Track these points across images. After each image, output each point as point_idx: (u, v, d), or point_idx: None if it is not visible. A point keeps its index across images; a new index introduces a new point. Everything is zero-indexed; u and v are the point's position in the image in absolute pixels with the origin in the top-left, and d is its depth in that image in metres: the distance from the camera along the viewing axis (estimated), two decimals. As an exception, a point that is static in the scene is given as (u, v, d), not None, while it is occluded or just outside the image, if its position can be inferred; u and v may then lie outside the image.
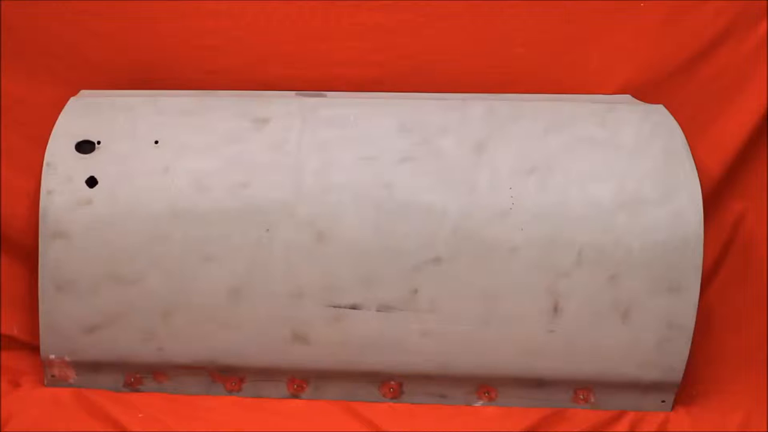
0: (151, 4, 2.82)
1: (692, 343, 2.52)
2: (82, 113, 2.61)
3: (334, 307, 2.50)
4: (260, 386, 2.62)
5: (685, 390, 2.63)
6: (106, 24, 2.83)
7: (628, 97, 2.83)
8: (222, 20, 2.84)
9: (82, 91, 2.76)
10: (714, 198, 2.84)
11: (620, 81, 2.87)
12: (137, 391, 2.62)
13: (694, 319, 2.50)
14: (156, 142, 2.54)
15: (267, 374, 2.60)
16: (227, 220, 2.48)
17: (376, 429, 2.51)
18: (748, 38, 2.83)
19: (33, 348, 2.72)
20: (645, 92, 2.84)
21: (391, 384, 2.61)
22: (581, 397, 2.60)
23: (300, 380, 2.61)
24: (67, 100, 2.66)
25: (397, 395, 2.62)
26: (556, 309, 2.49)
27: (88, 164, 2.51)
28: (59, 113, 2.61)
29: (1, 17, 2.78)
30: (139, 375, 2.61)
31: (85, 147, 2.54)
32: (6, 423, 2.44)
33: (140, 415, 2.50)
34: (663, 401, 2.60)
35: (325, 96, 2.76)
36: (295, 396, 2.62)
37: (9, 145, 2.78)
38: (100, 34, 2.84)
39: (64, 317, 2.52)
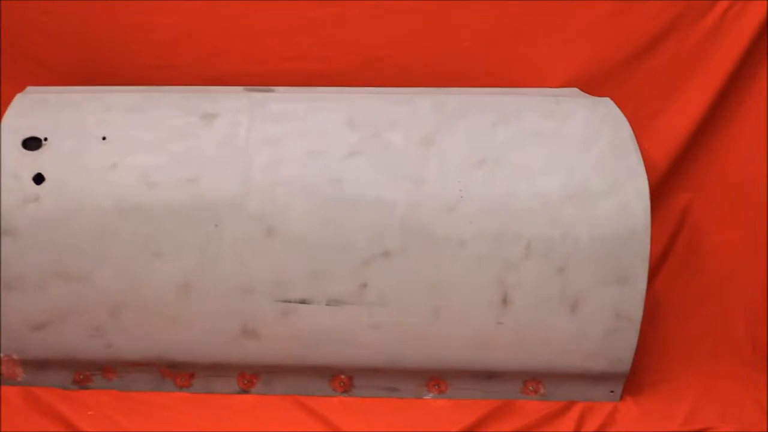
0: (97, 1, 2.80)
1: (640, 333, 2.54)
2: (29, 110, 2.59)
3: (284, 301, 2.50)
4: (210, 382, 2.61)
5: (633, 380, 2.65)
6: (53, 20, 2.82)
7: (575, 90, 2.85)
8: (169, 16, 2.83)
9: (29, 88, 2.74)
10: (660, 190, 2.87)
11: (567, 74, 2.89)
12: (86, 388, 2.61)
13: (641, 310, 2.52)
14: (103, 138, 2.52)
15: (217, 370, 2.60)
16: (176, 215, 2.48)
17: (327, 423, 2.52)
18: (693, 32, 2.86)
19: (-19, 346, 2.70)
20: (592, 85, 2.86)
21: (342, 378, 2.61)
22: (530, 388, 2.62)
23: (250, 375, 2.61)
24: (13, 96, 2.64)
25: (347, 389, 2.62)
26: (505, 301, 2.50)
27: (35, 161, 2.49)
28: (5, 110, 2.59)
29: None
30: (88, 372, 2.60)
31: (31, 144, 2.52)
32: (-47, 422, 2.43)
33: (90, 413, 2.50)
34: (612, 391, 2.62)
35: (273, 91, 2.75)
36: (245, 391, 2.62)
37: (-45, 142, 2.76)
38: (46, 31, 2.82)
39: (12, 315, 2.51)
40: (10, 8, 2.80)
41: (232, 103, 2.62)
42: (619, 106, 2.66)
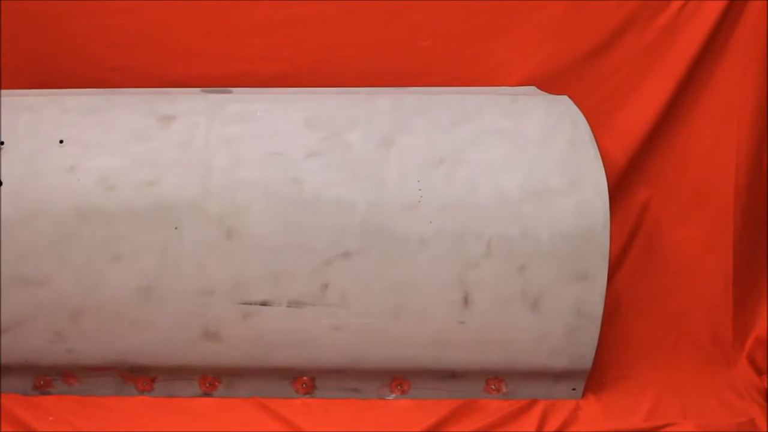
0: (55, 3, 2.79)
1: (601, 330, 2.55)
2: (-16, 113, 2.58)
3: (245, 303, 2.49)
4: (172, 385, 2.60)
5: (594, 377, 2.66)
6: (10, 24, 2.80)
7: (532, 88, 2.86)
8: (126, 17, 2.82)
9: (-16, 91, 2.73)
10: (619, 187, 2.88)
11: (525, 73, 2.90)
12: (47, 393, 2.59)
13: (602, 307, 2.53)
14: (61, 142, 2.51)
15: (178, 373, 2.59)
16: (135, 218, 2.46)
17: (290, 425, 2.51)
18: (650, 29, 2.88)
19: (-61, 353, 2.68)
20: (549, 84, 2.87)
21: (304, 379, 2.61)
22: (493, 387, 2.62)
23: (212, 378, 2.60)
24: (-30, 101, 2.63)
25: (310, 390, 2.62)
26: (466, 300, 2.51)
27: (-8, 165, 2.48)
28: (-39, 114, 2.57)
29: None
30: (48, 377, 2.59)
31: (-13, 148, 2.51)
32: None
33: (51, 419, 2.48)
34: (573, 389, 2.63)
35: (231, 92, 2.74)
36: (207, 394, 2.61)
37: None
38: (3, 34, 2.80)
39: (-30, 321, 2.49)
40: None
41: (190, 105, 2.61)
42: (576, 104, 2.67)
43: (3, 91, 2.73)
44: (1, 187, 2.46)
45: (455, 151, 2.55)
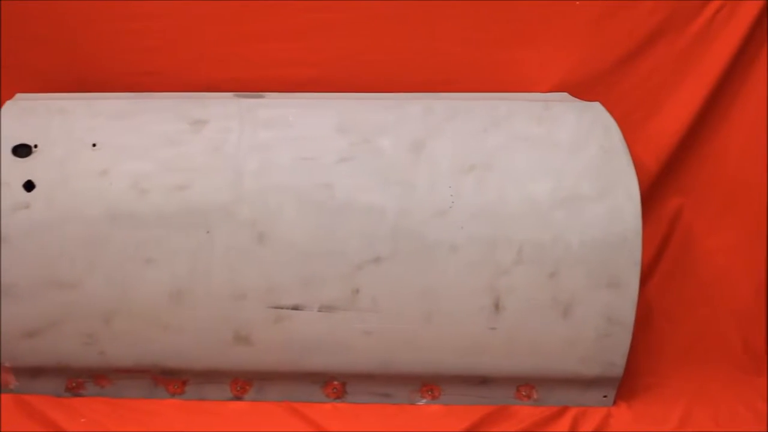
0: (86, 6, 2.80)
1: (632, 337, 2.54)
2: (18, 117, 2.58)
3: (276, 308, 2.49)
4: (203, 388, 2.61)
5: (626, 384, 2.65)
6: (42, 27, 2.81)
7: (564, 95, 2.85)
8: (158, 21, 2.83)
9: (18, 95, 2.73)
10: (651, 194, 2.87)
11: (557, 79, 2.89)
12: (79, 395, 2.60)
13: (633, 314, 2.52)
14: (94, 145, 2.52)
15: (210, 376, 2.59)
16: (167, 222, 2.47)
17: (320, 429, 2.52)
18: (684, 34, 2.86)
19: (-28, 355, 2.70)
20: (581, 90, 2.86)
21: (335, 384, 2.61)
22: (524, 393, 2.62)
23: (243, 382, 2.61)
24: (2, 104, 2.63)
25: (340, 395, 2.62)
26: (497, 306, 2.50)
27: (25, 168, 2.49)
28: (-5, 117, 2.59)
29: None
30: (80, 379, 2.60)
31: (21, 151, 2.51)
32: (-55, 431, 2.43)
33: (82, 420, 2.49)
34: (605, 396, 2.62)
35: (263, 97, 2.75)
36: (238, 398, 2.62)
37: (-56, 150, 2.75)
38: (36, 37, 2.82)
39: (4, 322, 2.50)
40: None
41: (222, 109, 2.62)
42: (609, 110, 2.66)
43: (36, 94, 2.75)
44: (35, 190, 2.47)
45: (486, 157, 2.54)
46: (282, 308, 2.50)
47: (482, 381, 2.60)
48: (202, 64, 2.87)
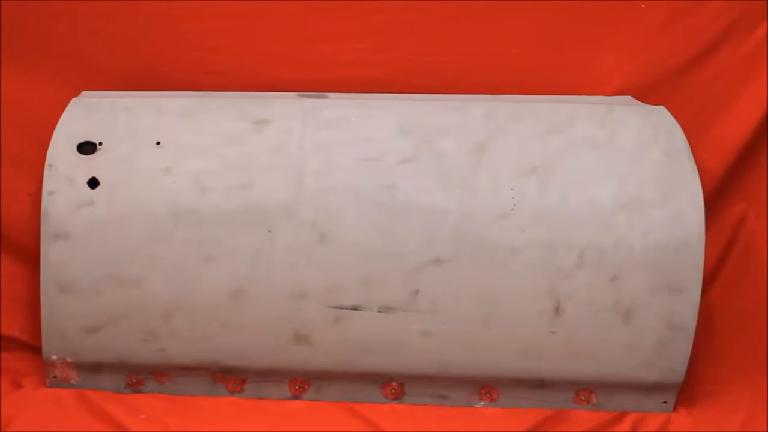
0: (152, 4, 2.82)
1: (693, 343, 2.52)
2: (84, 114, 2.62)
3: (336, 308, 2.50)
4: (262, 387, 2.62)
5: (686, 391, 2.63)
6: (108, 25, 2.83)
7: (628, 98, 2.83)
8: (223, 21, 2.84)
9: (84, 92, 2.77)
10: (715, 199, 2.84)
11: (621, 82, 2.87)
12: (139, 392, 2.62)
13: (695, 320, 2.50)
14: (157, 143, 2.54)
15: (269, 375, 2.60)
16: (228, 221, 2.49)
17: (378, 430, 2.51)
18: (749, 39, 2.83)
19: (35, 349, 2.72)
20: (646, 93, 2.83)
21: (393, 385, 2.61)
22: (582, 398, 2.60)
23: (302, 381, 2.61)
24: (69, 101, 2.66)
25: (398, 396, 2.62)
26: (557, 310, 2.49)
27: (90, 165, 2.52)
28: (61, 114, 2.61)
29: (2, 18, 2.78)
30: (140, 376, 2.62)
31: (86, 148, 2.54)
32: (7, 424, 2.44)
33: (142, 416, 2.50)
34: (664, 402, 2.60)
35: (326, 97, 2.76)
36: (296, 397, 2.63)
37: (11, 147, 2.78)
38: (101, 35, 2.84)
39: (66, 318, 2.53)
40: (65, 13, 2.81)
41: (285, 109, 2.63)
42: (673, 114, 2.64)
43: (101, 92, 2.78)
44: (99, 187, 2.49)
45: (548, 160, 2.54)
46: (342, 308, 2.50)
47: (541, 384, 2.59)
48: (265, 64, 2.88)
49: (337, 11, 2.83)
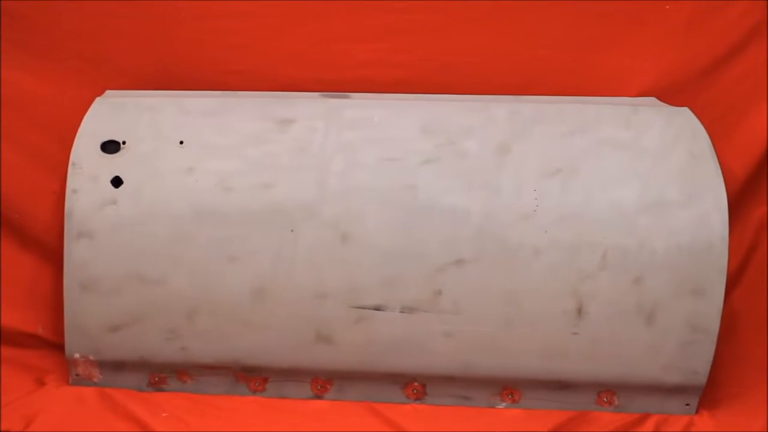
0: (175, 4, 2.82)
1: (716, 346, 2.52)
2: (108, 113, 2.63)
3: (358, 308, 2.50)
4: (284, 386, 2.62)
5: (709, 393, 2.62)
6: (132, 25, 2.84)
7: (652, 99, 2.82)
8: (247, 21, 2.84)
9: (108, 92, 2.78)
10: (739, 200, 2.82)
11: (645, 83, 2.86)
12: (161, 390, 2.63)
13: (718, 323, 2.50)
14: (181, 143, 2.55)
15: (291, 374, 2.60)
16: (251, 220, 2.50)
17: (399, 430, 2.51)
18: (775, 39, 2.82)
19: (58, 347, 2.73)
20: (670, 95, 2.83)
21: (415, 385, 2.61)
22: (605, 399, 2.60)
23: (324, 381, 2.61)
24: (93, 100, 2.68)
25: (420, 396, 2.62)
26: (579, 311, 2.49)
27: (113, 164, 2.53)
28: (84, 113, 2.62)
29: (27, 18, 2.79)
30: (162, 374, 2.62)
31: (110, 147, 2.55)
32: (31, 421, 2.46)
33: (164, 415, 2.52)
34: (687, 404, 2.60)
35: (349, 97, 2.76)
36: (318, 396, 2.63)
37: (35, 145, 2.80)
38: (125, 35, 2.85)
39: (89, 316, 2.54)
40: (90, 13, 2.82)
41: (308, 109, 2.63)
42: (697, 116, 2.64)
43: (125, 91, 2.79)
44: (122, 186, 2.50)
45: (572, 161, 2.53)
46: (364, 308, 2.51)
47: (563, 386, 2.59)
48: (287, 63, 2.88)
49: (359, 11, 2.83)
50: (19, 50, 2.81)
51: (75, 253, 2.50)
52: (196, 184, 2.51)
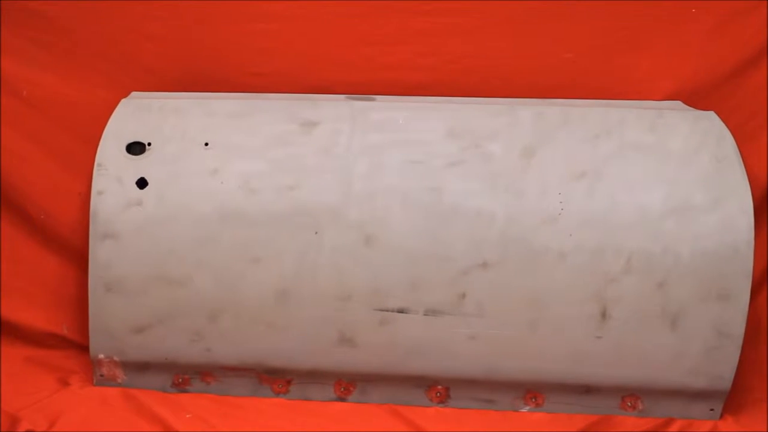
0: (201, 6, 2.83)
1: (741, 351, 2.51)
2: (133, 115, 2.63)
3: (382, 310, 2.50)
4: (307, 388, 2.62)
5: (734, 398, 2.61)
6: (157, 26, 2.85)
7: (678, 103, 2.81)
8: (272, 23, 2.84)
9: (133, 93, 2.78)
10: (764, 205, 2.81)
11: (671, 87, 2.85)
12: (185, 391, 2.64)
13: (743, 327, 2.48)
14: (206, 144, 2.55)
15: (314, 376, 2.60)
16: (276, 222, 2.50)
17: (423, 433, 2.52)
18: (802, 44, 2.81)
19: (82, 347, 2.75)
20: (696, 99, 2.82)
21: (438, 388, 2.61)
22: (629, 403, 2.59)
23: (347, 383, 2.61)
24: (118, 101, 2.68)
25: (444, 400, 2.62)
26: (604, 315, 2.48)
27: (139, 165, 2.53)
28: (110, 115, 2.63)
29: (54, 20, 2.80)
30: (186, 376, 2.63)
31: (135, 148, 2.56)
32: (55, 421, 2.46)
33: (187, 416, 2.52)
34: (711, 409, 2.59)
35: (374, 100, 2.76)
36: (341, 399, 2.63)
37: (60, 146, 2.81)
38: (151, 37, 2.85)
39: (113, 317, 2.55)
40: (116, 14, 2.83)
41: (333, 111, 2.63)
42: (723, 120, 2.62)
43: (150, 93, 2.79)
44: (147, 187, 2.51)
45: (597, 165, 2.53)
46: (387, 311, 2.51)
47: (587, 390, 2.58)
48: (313, 66, 2.88)
49: (385, 13, 2.83)
50: (46, 52, 2.83)
51: (100, 253, 2.51)
52: (220, 185, 2.52)
